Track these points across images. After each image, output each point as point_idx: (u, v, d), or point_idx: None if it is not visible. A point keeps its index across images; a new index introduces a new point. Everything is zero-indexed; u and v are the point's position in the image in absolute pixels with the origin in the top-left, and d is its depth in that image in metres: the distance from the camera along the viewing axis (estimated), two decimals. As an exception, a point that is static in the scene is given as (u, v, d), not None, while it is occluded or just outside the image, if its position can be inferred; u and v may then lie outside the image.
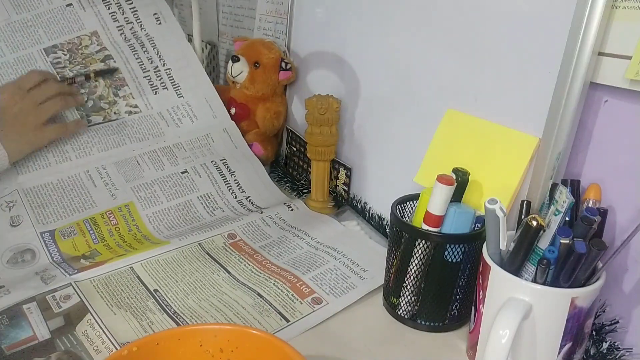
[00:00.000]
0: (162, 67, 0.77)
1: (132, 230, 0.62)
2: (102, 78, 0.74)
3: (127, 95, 0.74)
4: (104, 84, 0.74)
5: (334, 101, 0.66)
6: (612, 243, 0.44)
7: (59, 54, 0.74)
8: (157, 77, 0.77)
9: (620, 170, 0.43)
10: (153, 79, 0.77)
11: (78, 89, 0.71)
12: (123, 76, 0.75)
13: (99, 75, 0.73)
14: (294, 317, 0.49)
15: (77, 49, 0.74)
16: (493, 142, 0.50)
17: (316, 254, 0.59)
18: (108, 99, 0.73)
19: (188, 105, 0.77)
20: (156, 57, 0.78)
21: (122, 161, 0.68)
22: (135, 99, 0.74)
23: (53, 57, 0.73)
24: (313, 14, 0.76)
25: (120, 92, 0.74)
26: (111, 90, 0.73)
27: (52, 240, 0.59)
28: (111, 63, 0.75)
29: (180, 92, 0.77)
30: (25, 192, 0.62)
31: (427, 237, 0.46)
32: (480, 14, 0.51)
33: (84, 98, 0.71)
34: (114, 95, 0.73)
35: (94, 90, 0.73)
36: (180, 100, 0.77)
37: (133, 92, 0.74)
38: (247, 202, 0.70)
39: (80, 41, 0.75)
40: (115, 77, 0.75)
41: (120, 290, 0.51)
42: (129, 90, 0.74)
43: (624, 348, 0.43)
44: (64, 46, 0.74)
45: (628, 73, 0.39)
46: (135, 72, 0.76)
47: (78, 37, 0.75)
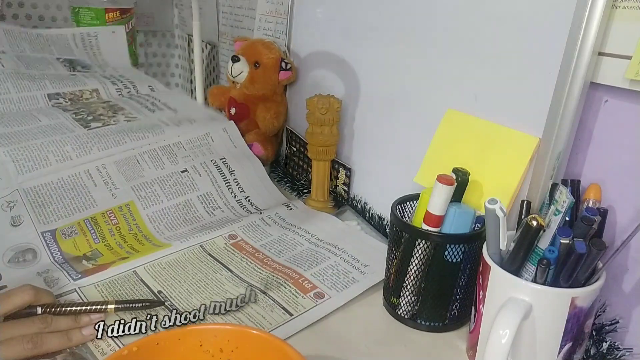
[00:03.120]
0: (159, 102, 0.83)
1: (133, 229, 0.63)
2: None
3: (127, 113, 0.77)
4: (102, 109, 0.76)
5: (335, 101, 0.67)
6: (612, 243, 0.44)
7: (61, 100, 0.80)
8: (154, 106, 0.81)
9: (620, 170, 0.43)
10: (150, 107, 0.81)
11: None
12: (122, 106, 0.79)
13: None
14: (298, 311, 0.49)
15: (78, 99, 0.81)
16: (493, 142, 0.50)
17: (317, 251, 0.59)
18: (107, 115, 0.76)
19: (186, 115, 0.80)
20: (152, 99, 0.84)
21: (122, 160, 0.68)
22: (133, 114, 0.77)
23: (55, 102, 0.79)
24: (313, 14, 0.76)
25: (119, 112, 0.77)
26: (110, 111, 0.76)
27: (53, 240, 0.59)
28: (110, 103, 0.79)
29: (177, 112, 0.81)
30: (25, 191, 0.62)
31: (427, 237, 0.46)
32: (480, 14, 0.51)
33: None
34: (112, 113, 0.76)
35: (95, 111, 0.76)
36: (178, 115, 0.80)
37: (131, 112, 0.78)
38: (247, 203, 0.70)
39: (82, 94, 0.82)
40: (114, 107, 0.79)
41: (125, 294, 0.51)
42: (128, 111, 0.78)
43: (624, 348, 0.43)
44: (66, 95, 0.81)
45: (628, 73, 0.39)
46: (134, 105, 0.80)
47: (80, 91, 0.83)
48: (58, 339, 0.43)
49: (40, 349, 0.42)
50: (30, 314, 0.45)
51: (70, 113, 0.73)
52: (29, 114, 0.72)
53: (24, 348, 0.42)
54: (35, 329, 0.43)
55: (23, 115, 0.72)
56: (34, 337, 0.42)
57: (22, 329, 0.43)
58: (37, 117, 0.71)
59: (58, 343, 0.43)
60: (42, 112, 0.73)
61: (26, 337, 0.42)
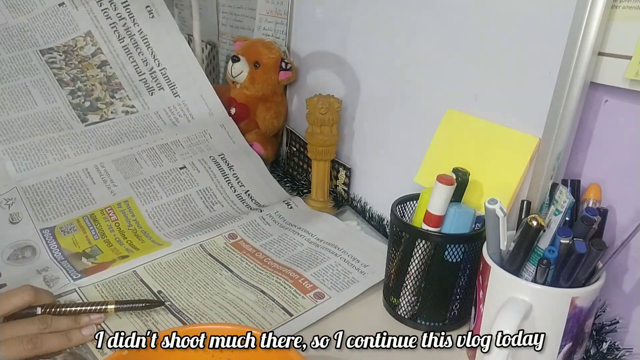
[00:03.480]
0: (158, 68, 0.78)
1: (132, 225, 0.62)
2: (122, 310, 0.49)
3: (124, 97, 0.75)
4: (100, 88, 0.74)
5: (335, 101, 0.67)
6: (612, 243, 0.44)
7: (55, 54, 0.74)
8: (152, 79, 0.78)
9: (620, 170, 0.43)
10: (149, 80, 0.78)
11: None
12: (119, 81, 0.76)
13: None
14: (298, 312, 0.49)
15: (72, 50, 0.75)
16: (493, 142, 0.50)
17: (317, 251, 0.59)
18: (105, 100, 0.74)
19: (184, 104, 0.78)
20: (151, 57, 0.79)
21: (120, 159, 0.68)
22: (131, 100, 0.75)
23: (48, 57, 0.74)
24: (313, 14, 0.76)
25: (116, 95, 0.75)
26: (108, 93, 0.74)
27: (52, 237, 0.58)
28: (107, 69, 0.75)
29: (176, 91, 0.78)
30: (24, 189, 0.62)
31: (427, 237, 0.46)
32: (480, 13, 0.51)
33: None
34: (110, 97, 0.74)
35: (91, 93, 0.73)
36: (177, 99, 0.78)
37: (129, 94, 0.75)
38: (247, 197, 0.70)
39: (75, 43, 0.76)
40: (112, 82, 0.75)
41: (125, 294, 0.51)
42: (125, 93, 0.75)
43: (624, 348, 0.43)
44: (59, 48, 0.75)
45: (628, 73, 0.39)
46: (132, 76, 0.77)
47: (73, 39, 0.76)
48: (58, 339, 0.43)
49: (40, 350, 0.42)
50: (30, 314, 0.44)
51: (67, 92, 0.71)
52: (24, 88, 0.70)
53: (24, 348, 0.41)
54: (35, 330, 0.43)
55: (18, 91, 0.69)
56: (34, 338, 0.42)
57: (21, 329, 0.43)
58: (32, 95, 0.69)
59: (58, 343, 0.43)
60: (37, 86, 0.70)
61: (26, 337, 0.42)
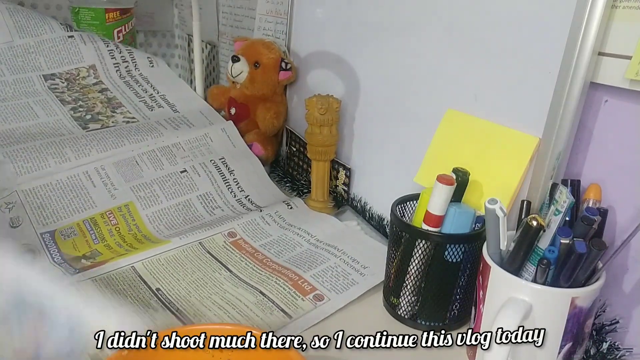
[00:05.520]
0: (157, 94, 0.82)
1: (132, 230, 0.62)
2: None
3: (125, 112, 0.77)
4: (101, 105, 0.75)
5: (334, 101, 0.66)
6: (612, 243, 0.44)
7: (57, 80, 0.77)
8: (152, 100, 0.81)
9: (620, 170, 0.43)
10: (149, 101, 0.80)
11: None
12: (119, 101, 0.78)
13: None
14: (297, 314, 0.49)
15: (74, 79, 0.78)
16: (493, 142, 0.50)
17: (316, 252, 0.59)
18: (106, 114, 0.75)
19: (184, 117, 0.80)
20: (150, 88, 0.83)
21: (120, 161, 0.68)
22: (132, 114, 0.77)
23: (51, 83, 0.76)
24: (313, 14, 0.76)
25: (117, 110, 0.76)
26: (109, 109, 0.76)
27: (53, 241, 0.58)
28: (108, 93, 0.78)
29: (176, 109, 0.81)
30: (24, 193, 0.62)
31: (427, 237, 0.46)
32: (480, 13, 0.51)
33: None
34: (111, 112, 0.76)
35: (93, 108, 0.75)
36: (176, 114, 0.80)
37: (130, 110, 0.77)
38: (247, 201, 0.70)
39: (78, 72, 0.79)
40: (112, 103, 0.78)
41: (123, 290, 0.51)
42: (126, 109, 0.77)
43: (624, 348, 0.43)
44: (62, 75, 0.78)
45: (628, 73, 0.39)
46: (132, 98, 0.80)
47: (76, 69, 0.79)
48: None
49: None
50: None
51: (69, 108, 0.73)
52: (26, 105, 0.71)
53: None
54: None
55: (20, 107, 0.71)
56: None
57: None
58: (34, 110, 0.70)
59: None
60: (39, 104, 0.72)
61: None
